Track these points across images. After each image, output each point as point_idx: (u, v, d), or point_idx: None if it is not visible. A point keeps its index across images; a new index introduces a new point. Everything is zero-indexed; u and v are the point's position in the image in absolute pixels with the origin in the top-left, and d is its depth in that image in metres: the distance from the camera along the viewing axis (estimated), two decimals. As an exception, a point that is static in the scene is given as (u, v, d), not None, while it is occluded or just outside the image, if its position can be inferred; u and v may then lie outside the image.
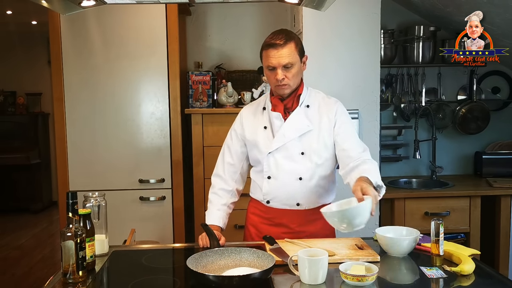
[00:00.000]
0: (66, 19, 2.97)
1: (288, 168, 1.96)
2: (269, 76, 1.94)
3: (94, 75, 3.04)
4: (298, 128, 1.94)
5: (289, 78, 1.90)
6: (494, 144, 3.59)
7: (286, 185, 1.97)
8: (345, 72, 2.95)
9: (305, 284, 1.50)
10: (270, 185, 1.99)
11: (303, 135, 1.95)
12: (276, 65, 1.88)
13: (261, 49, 1.94)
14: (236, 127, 2.10)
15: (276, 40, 1.88)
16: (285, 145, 1.95)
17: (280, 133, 1.95)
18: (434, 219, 1.65)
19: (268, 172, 1.99)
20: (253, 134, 2.02)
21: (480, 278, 1.56)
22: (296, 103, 1.98)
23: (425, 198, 3.04)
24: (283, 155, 1.96)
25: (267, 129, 1.99)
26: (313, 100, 2.00)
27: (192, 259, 1.57)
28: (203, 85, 3.14)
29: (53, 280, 1.59)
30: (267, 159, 1.98)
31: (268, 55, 1.89)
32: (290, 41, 1.89)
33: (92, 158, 3.06)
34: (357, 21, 2.93)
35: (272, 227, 2.02)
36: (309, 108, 1.98)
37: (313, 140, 1.95)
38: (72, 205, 1.53)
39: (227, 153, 2.10)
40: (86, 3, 1.76)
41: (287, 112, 1.98)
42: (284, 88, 1.93)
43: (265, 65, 1.93)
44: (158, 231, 3.07)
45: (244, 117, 2.08)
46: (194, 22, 3.60)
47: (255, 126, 2.03)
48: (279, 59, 1.87)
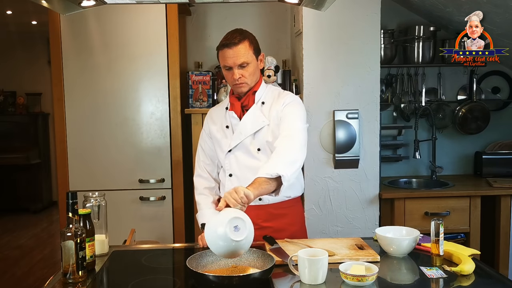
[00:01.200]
0: (66, 19, 2.97)
1: (248, 164, 1.99)
2: (226, 76, 1.98)
3: (94, 75, 3.04)
4: (253, 125, 1.98)
5: (245, 76, 1.94)
6: (494, 144, 3.59)
7: (247, 181, 1.93)
8: (345, 72, 2.95)
9: (305, 284, 1.50)
10: (232, 183, 2.01)
11: (258, 132, 1.98)
12: (232, 65, 1.92)
13: (217, 50, 1.97)
14: (205, 127, 2.15)
15: (231, 40, 1.91)
16: (243, 143, 1.99)
17: (237, 131, 2.00)
18: (434, 219, 1.65)
19: (229, 170, 2.03)
20: (217, 134, 2.07)
21: (480, 278, 1.56)
22: (252, 101, 2.01)
23: (425, 198, 3.03)
24: (242, 152, 2.00)
25: (229, 128, 2.04)
26: (269, 97, 2.03)
27: (192, 259, 1.57)
28: (203, 85, 3.14)
29: (53, 280, 1.59)
30: (227, 157, 2.02)
31: (224, 55, 1.92)
32: (244, 40, 1.92)
33: (92, 158, 3.06)
34: (357, 21, 2.93)
35: None
36: (265, 105, 2.02)
37: (266, 136, 1.98)
38: (72, 205, 1.53)
39: (202, 153, 2.16)
40: (86, 3, 1.76)
41: (245, 110, 2.01)
42: (242, 87, 1.97)
43: (222, 65, 1.97)
44: (158, 231, 3.07)
45: (210, 118, 2.14)
46: (194, 22, 3.60)
47: (219, 126, 2.08)
48: (234, 59, 1.91)
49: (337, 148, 2.94)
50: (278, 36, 3.56)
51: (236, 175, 2.02)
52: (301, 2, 1.87)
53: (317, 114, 2.95)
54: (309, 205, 2.98)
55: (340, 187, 2.99)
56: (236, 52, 1.90)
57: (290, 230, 2.03)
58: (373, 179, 3.01)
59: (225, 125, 2.06)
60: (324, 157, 2.97)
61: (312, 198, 2.98)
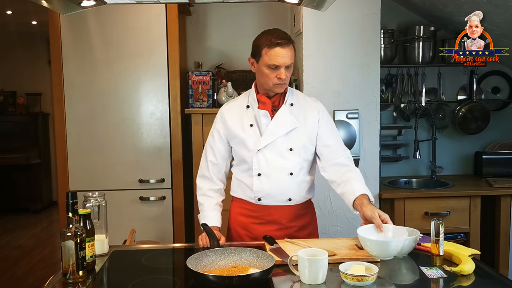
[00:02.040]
0: (66, 19, 2.97)
1: (278, 164, 1.99)
2: (268, 75, 1.94)
3: (94, 75, 3.04)
4: (286, 125, 1.98)
5: (288, 77, 1.95)
6: (494, 144, 3.59)
7: (277, 181, 2.00)
8: (345, 72, 2.95)
9: (305, 284, 1.50)
10: (261, 182, 2.00)
11: (290, 132, 1.99)
12: (281, 64, 1.91)
13: (261, 47, 1.93)
14: (218, 127, 2.09)
15: (283, 40, 1.90)
16: (274, 142, 1.98)
17: (269, 130, 1.98)
18: (434, 219, 1.65)
19: (258, 169, 2.00)
20: (239, 132, 2.03)
21: (480, 278, 1.56)
22: (282, 101, 2.02)
23: (425, 198, 3.04)
24: (273, 152, 1.99)
25: (254, 126, 2.01)
26: (295, 99, 2.05)
27: (192, 259, 1.57)
28: (203, 85, 3.13)
29: (53, 280, 1.59)
30: (256, 156, 2.00)
31: (275, 54, 1.90)
32: (292, 42, 1.95)
33: (92, 158, 3.06)
34: (357, 21, 2.93)
35: (263, 225, 2.03)
36: (293, 106, 2.03)
37: (300, 137, 2.00)
38: (72, 205, 1.53)
39: (210, 153, 2.11)
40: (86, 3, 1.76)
41: (274, 110, 2.01)
42: (282, 87, 1.98)
43: (266, 63, 1.92)
44: (158, 231, 3.07)
45: (226, 117, 2.08)
46: (194, 22, 3.60)
47: (240, 124, 2.03)
48: (285, 59, 1.91)
49: (337, 148, 2.94)
50: (278, 36, 3.55)
51: (266, 174, 2.00)
52: (301, 2, 1.87)
53: (317, 114, 2.95)
54: (309, 205, 2.98)
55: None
56: (288, 52, 1.90)
57: (309, 229, 2.09)
58: (373, 179, 3.01)
59: (248, 123, 2.02)
60: (324, 157, 2.97)
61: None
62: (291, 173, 1.99)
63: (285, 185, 2.00)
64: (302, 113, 2.02)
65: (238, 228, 2.09)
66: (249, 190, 2.03)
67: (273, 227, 2.01)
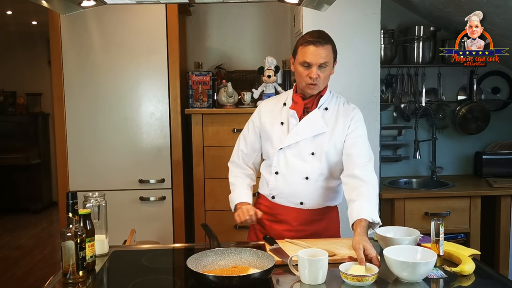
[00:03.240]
0: (66, 19, 2.97)
1: (296, 166, 1.98)
2: (301, 73, 1.93)
3: (94, 75, 3.04)
4: (313, 129, 1.96)
5: (321, 78, 1.92)
6: (494, 144, 3.59)
7: (291, 182, 1.99)
8: (345, 72, 2.94)
9: (305, 284, 1.50)
10: (276, 181, 2.01)
11: (316, 136, 1.96)
12: (313, 62, 1.89)
13: (298, 45, 1.94)
14: (254, 119, 2.13)
15: (319, 38, 1.89)
16: (298, 143, 1.97)
17: (294, 131, 1.97)
18: (434, 219, 1.65)
19: (277, 168, 2.01)
20: (269, 128, 2.04)
21: (480, 278, 1.56)
22: (316, 104, 2.00)
23: (425, 198, 3.03)
24: (294, 153, 1.98)
25: (284, 125, 2.01)
26: (333, 104, 2.02)
27: (192, 259, 1.57)
28: (203, 85, 3.13)
29: (53, 280, 1.59)
30: (277, 154, 2.00)
31: (307, 51, 1.89)
32: (329, 43, 1.92)
33: (92, 158, 3.06)
34: (357, 21, 2.92)
35: (275, 223, 2.04)
36: (327, 111, 2.00)
37: (325, 142, 1.96)
38: (72, 205, 1.53)
39: (243, 143, 2.16)
40: (86, 3, 1.76)
41: (306, 111, 1.99)
42: (313, 88, 1.95)
43: (300, 61, 1.92)
44: (158, 231, 3.07)
45: (262, 110, 2.11)
46: (194, 22, 3.60)
47: (272, 120, 2.05)
48: (317, 57, 1.88)
49: (337, 148, 2.94)
50: (278, 36, 3.56)
51: (283, 174, 2.00)
52: (301, 2, 1.87)
53: (317, 114, 2.95)
54: (309, 205, 2.97)
55: (340, 187, 2.98)
56: (321, 51, 1.88)
57: (324, 235, 2.02)
58: (373, 179, 3.00)
59: (279, 120, 2.02)
60: (324, 157, 2.97)
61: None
62: (307, 177, 1.97)
63: (298, 188, 1.99)
64: (335, 119, 1.98)
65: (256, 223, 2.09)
66: (267, 186, 2.06)
67: (283, 227, 2.02)
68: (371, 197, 1.85)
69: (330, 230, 2.08)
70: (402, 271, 1.50)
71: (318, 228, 2.03)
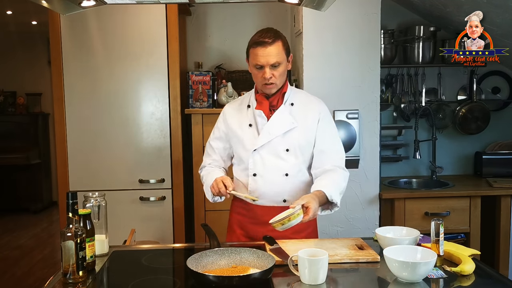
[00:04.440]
0: (66, 19, 2.97)
1: (274, 164, 1.98)
2: (256, 75, 1.95)
3: (94, 75, 3.04)
4: (283, 125, 1.96)
5: (276, 77, 1.92)
6: (494, 144, 3.59)
7: (272, 182, 1.98)
8: (345, 72, 2.95)
9: (305, 284, 1.50)
10: (256, 183, 1.99)
11: (287, 132, 1.97)
12: (264, 64, 1.89)
13: (248, 47, 1.94)
14: (219, 125, 2.11)
15: (265, 39, 1.88)
16: (270, 142, 1.97)
17: (265, 130, 1.96)
18: (434, 219, 1.65)
19: (254, 170, 2.00)
20: (238, 132, 2.03)
21: (480, 278, 1.56)
22: (281, 101, 1.99)
23: (425, 198, 3.03)
24: (269, 152, 1.98)
25: (252, 126, 2.01)
26: (297, 99, 2.03)
27: (192, 259, 1.57)
28: (203, 85, 3.14)
29: (53, 280, 1.59)
30: (252, 156, 1.99)
31: (257, 54, 1.89)
32: (278, 40, 1.90)
33: (92, 158, 3.06)
34: (357, 21, 2.93)
35: (258, 226, 2.01)
36: (293, 106, 2.00)
37: (297, 137, 1.97)
38: (72, 205, 1.53)
39: (211, 150, 2.13)
40: (86, 3, 1.76)
41: (272, 109, 1.99)
42: (271, 87, 1.95)
43: (252, 64, 1.93)
44: (158, 231, 3.07)
45: (227, 115, 2.09)
46: (194, 22, 3.60)
47: (239, 123, 2.04)
48: (268, 58, 1.88)
49: (337, 148, 2.94)
50: (278, 36, 3.55)
51: (261, 175, 1.99)
52: (301, 2, 1.87)
53: (317, 114, 2.95)
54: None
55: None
56: (270, 51, 1.87)
57: (305, 232, 2.03)
58: (373, 179, 3.01)
59: (247, 123, 2.02)
60: (324, 157, 2.96)
61: (312, 198, 2.98)
62: (287, 174, 1.98)
63: (280, 186, 1.98)
64: (303, 113, 2.00)
65: (236, 227, 2.09)
66: (245, 189, 2.03)
67: (268, 227, 1.99)
68: (336, 181, 1.89)
69: (311, 226, 2.08)
70: (402, 271, 1.50)
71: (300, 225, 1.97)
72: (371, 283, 1.61)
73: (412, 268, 1.48)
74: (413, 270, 1.48)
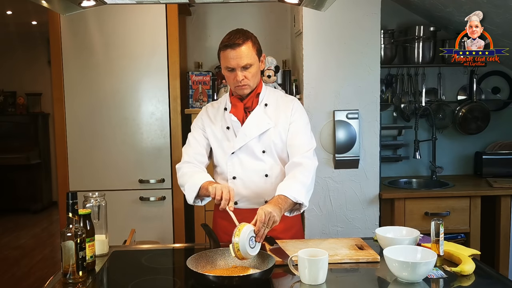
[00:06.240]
0: (66, 19, 2.97)
1: (252, 167, 1.97)
2: (228, 77, 1.93)
3: (94, 75, 3.04)
4: (259, 127, 1.95)
5: (248, 78, 1.90)
6: (494, 144, 3.59)
7: (253, 183, 1.97)
8: (345, 72, 2.95)
9: (305, 284, 1.50)
10: (236, 186, 1.96)
11: (263, 134, 1.95)
12: (235, 66, 1.87)
13: (219, 50, 1.92)
14: (198, 123, 2.06)
15: (234, 40, 1.86)
16: (247, 144, 1.95)
17: (241, 133, 1.95)
18: (434, 219, 1.65)
19: (233, 173, 1.98)
20: (218, 135, 2.01)
21: (480, 278, 1.56)
22: (256, 102, 1.98)
23: (425, 198, 3.03)
24: (246, 154, 1.97)
25: (230, 129, 1.99)
26: (271, 99, 2.01)
27: (192, 259, 1.57)
28: (203, 85, 3.14)
29: (53, 280, 1.59)
30: (230, 159, 1.98)
31: (227, 56, 1.87)
32: (247, 41, 1.88)
33: (92, 158, 3.06)
34: (357, 21, 2.93)
35: None
36: (268, 107, 1.99)
37: (273, 138, 1.96)
38: (72, 205, 1.53)
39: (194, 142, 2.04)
40: (86, 3, 1.76)
41: (247, 111, 1.98)
42: (244, 89, 1.93)
43: (223, 66, 1.92)
44: (158, 231, 3.07)
45: (207, 116, 2.05)
46: (194, 22, 3.60)
47: (219, 126, 2.02)
48: (238, 60, 1.86)
49: (337, 148, 2.95)
50: (278, 36, 3.56)
51: (241, 178, 1.98)
52: (301, 2, 1.87)
53: (317, 114, 2.95)
54: (309, 206, 2.95)
55: (340, 187, 2.99)
56: (239, 53, 1.85)
57: (292, 231, 2.02)
58: (373, 179, 3.01)
59: (225, 126, 2.01)
60: (324, 157, 2.97)
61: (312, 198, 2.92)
62: (266, 175, 1.97)
63: (260, 188, 1.97)
64: (277, 112, 1.98)
65: (221, 233, 2.03)
66: None
67: None
68: (300, 178, 1.85)
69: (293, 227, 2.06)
70: (402, 271, 1.50)
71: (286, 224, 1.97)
72: (371, 283, 1.61)
73: (412, 268, 1.48)
74: (413, 270, 1.48)
